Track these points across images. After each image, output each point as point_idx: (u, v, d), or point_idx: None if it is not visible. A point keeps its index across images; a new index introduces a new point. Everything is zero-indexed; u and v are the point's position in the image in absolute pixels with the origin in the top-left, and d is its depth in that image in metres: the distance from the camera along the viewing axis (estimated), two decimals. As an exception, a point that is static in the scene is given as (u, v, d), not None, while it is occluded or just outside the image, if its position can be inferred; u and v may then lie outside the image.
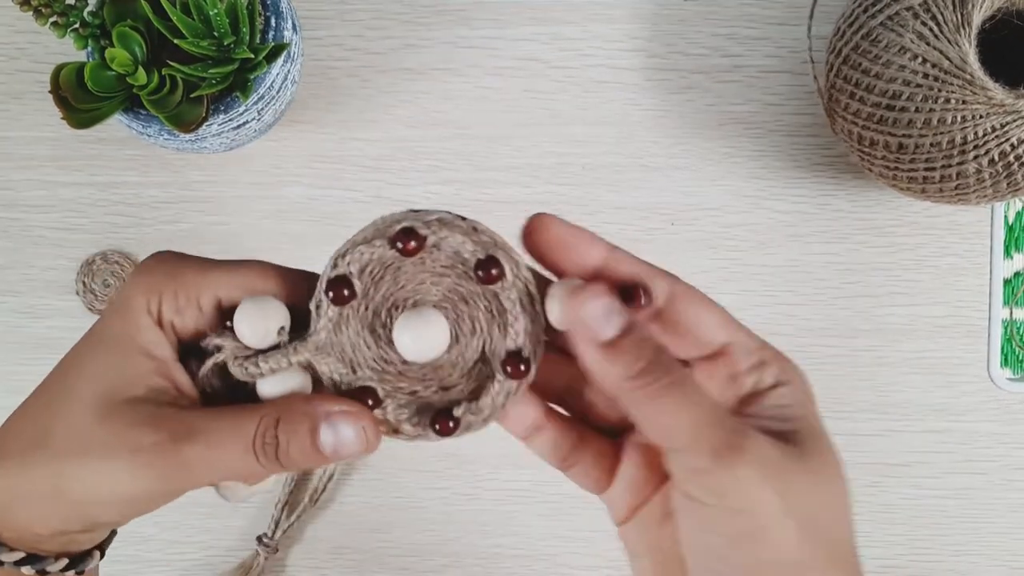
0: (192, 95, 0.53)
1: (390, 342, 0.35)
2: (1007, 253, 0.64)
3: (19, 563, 0.34)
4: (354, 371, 0.35)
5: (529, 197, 0.64)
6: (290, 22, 0.55)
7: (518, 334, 0.35)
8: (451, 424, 0.35)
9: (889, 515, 0.64)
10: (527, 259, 0.36)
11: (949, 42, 0.51)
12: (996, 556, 0.64)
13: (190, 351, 0.35)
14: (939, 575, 0.64)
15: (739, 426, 0.33)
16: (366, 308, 0.36)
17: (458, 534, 0.64)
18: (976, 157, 0.52)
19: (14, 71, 0.64)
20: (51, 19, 0.51)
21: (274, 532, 0.63)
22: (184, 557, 0.64)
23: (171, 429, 0.33)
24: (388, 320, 0.36)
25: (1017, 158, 0.52)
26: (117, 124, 0.56)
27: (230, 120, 0.55)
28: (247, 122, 0.56)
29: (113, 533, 0.38)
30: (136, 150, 0.64)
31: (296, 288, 0.37)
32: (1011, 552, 0.64)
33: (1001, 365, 0.64)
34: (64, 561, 0.35)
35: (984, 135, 0.52)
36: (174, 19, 0.52)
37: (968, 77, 0.51)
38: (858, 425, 0.64)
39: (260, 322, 0.35)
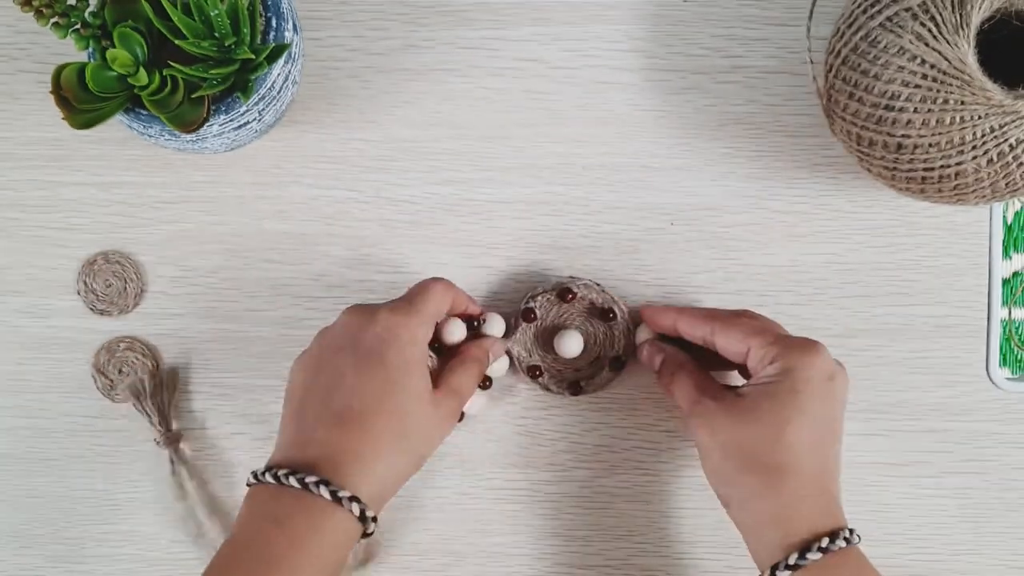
0: (193, 96, 0.53)
1: (551, 345, 0.64)
2: (1006, 253, 0.64)
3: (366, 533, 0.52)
4: (531, 357, 0.64)
5: (529, 197, 0.64)
6: (291, 23, 0.56)
7: (620, 349, 0.64)
8: (576, 389, 0.64)
9: (889, 515, 0.64)
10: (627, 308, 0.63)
11: (948, 43, 0.51)
12: (995, 555, 0.65)
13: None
14: (939, 575, 0.65)
15: (703, 396, 0.57)
16: (541, 325, 0.64)
17: (458, 533, 0.65)
18: (975, 157, 0.52)
19: (15, 71, 0.64)
20: (52, 20, 0.51)
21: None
22: (186, 556, 0.64)
23: (451, 391, 0.57)
24: (553, 333, 0.64)
25: (1015, 158, 0.52)
26: (118, 124, 0.56)
27: (231, 120, 0.55)
28: (248, 122, 0.56)
29: None
30: (137, 150, 0.64)
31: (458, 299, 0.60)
32: (1011, 551, 0.64)
33: (1000, 365, 0.64)
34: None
35: (983, 135, 0.52)
36: (175, 20, 0.52)
37: (967, 78, 0.51)
38: (858, 425, 0.64)
39: (457, 331, 0.62)
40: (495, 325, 0.63)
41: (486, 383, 0.63)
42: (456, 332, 0.61)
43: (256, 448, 0.64)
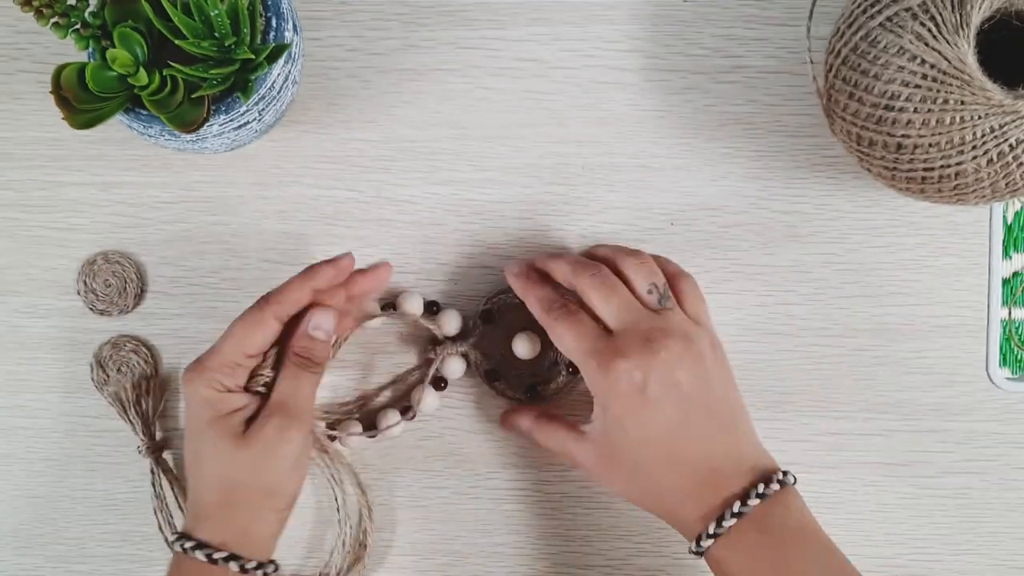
0: (193, 96, 0.53)
1: (510, 348, 0.63)
2: (1006, 253, 0.64)
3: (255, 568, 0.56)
4: (487, 361, 0.63)
5: (529, 197, 0.64)
6: (291, 23, 0.56)
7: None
8: (534, 393, 0.63)
9: (889, 515, 0.64)
10: None
11: (948, 43, 0.52)
12: (995, 555, 0.65)
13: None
14: (938, 575, 0.65)
15: (565, 445, 0.59)
16: (498, 328, 0.63)
17: (458, 533, 0.65)
18: (975, 157, 0.52)
19: (15, 71, 0.64)
20: (52, 20, 0.51)
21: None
22: (185, 556, 0.65)
23: (271, 413, 0.56)
24: (509, 335, 0.63)
25: (1016, 158, 0.52)
26: (118, 124, 0.56)
27: (231, 120, 0.55)
28: (248, 122, 0.56)
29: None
30: (137, 150, 0.64)
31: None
32: (1010, 551, 0.65)
33: (1000, 365, 0.64)
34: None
35: (983, 135, 0.52)
36: (175, 20, 0.52)
37: (967, 78, 0.51)
38: (857, 425, 0.64)
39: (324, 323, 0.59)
40: (412, 302, 0.62)
41: (441, 385, 0.63)
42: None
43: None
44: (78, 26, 0.52)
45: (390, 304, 0.63)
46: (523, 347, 0.63)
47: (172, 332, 0.64)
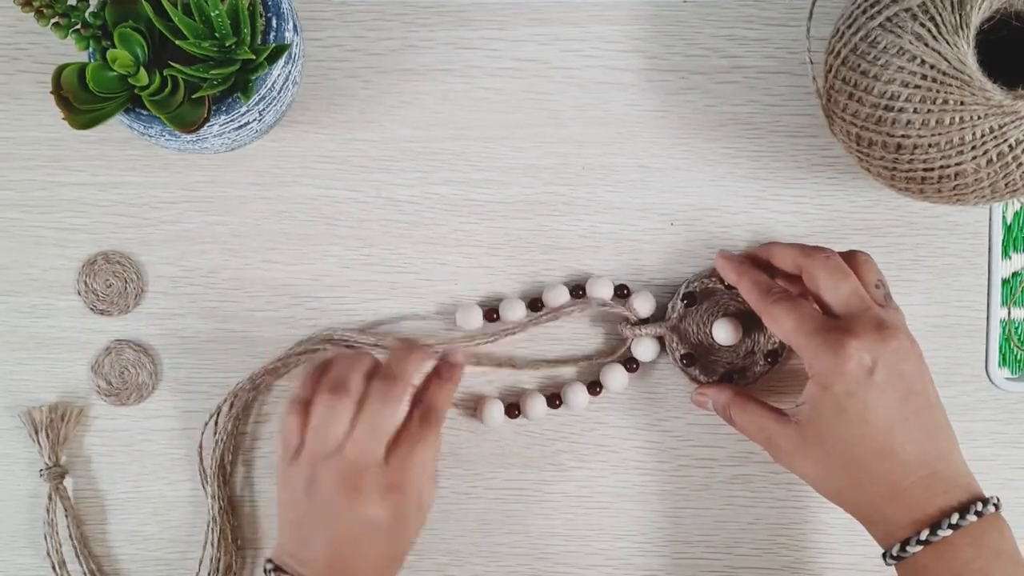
0: (193, 96, 0.53)
1: (708, 333, 0.63)
2: (1005, 253, 0.64)
3: None
4: (684, 345, 0.63)
5: (529, 197, 0.64)
6: (291, 23, 0.56)
7: (776, 343, 0.63)
8: (728, 380, 0.63)
9: (888, 514, 0.64)
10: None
11: (947, 43, 0.52)
12: (994, 555, 0.65)
13: None
14: (938, 574, 0.65)
15: (767, 435, 0.57)
16: (696, 312, 0.63)
17: (458, 533, 0.65)
18: (974, 157, 0.52)
19: (15, 71, 0.64)
20: (53, 20, 0.51)
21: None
22: (185, 556, 0.64)
23: (401, 489, 0.56)
24: (710, 320, 0.63)
25: (1015, 158, 0.52)
26: (118, 125, 0.56)
27: (231, 121, 0.55)
28: (248, 123, 0.56)
29: None
30: (137, 150, 0.64)
31: None
32: (1009, 551, 0.65)
33: (999, 365, 0.64)
34: None
35: (982, 136, 0.52)
36: (175, 20, 0.52)
37: (966, 78, 0.51)
38: (857, 424, 0.64)
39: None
40: (600, 286, 0.63)
41: (632, 366, 0.63)
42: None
43: (257, 447, 0.64)
44: (79, 26, 0.52)
45: (579, 287, 0.63)
46: (724, 332, 0.62)
47: (172, 332, 0.64)
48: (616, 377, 0.63)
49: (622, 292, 0.63)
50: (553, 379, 0.64)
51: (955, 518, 0.52)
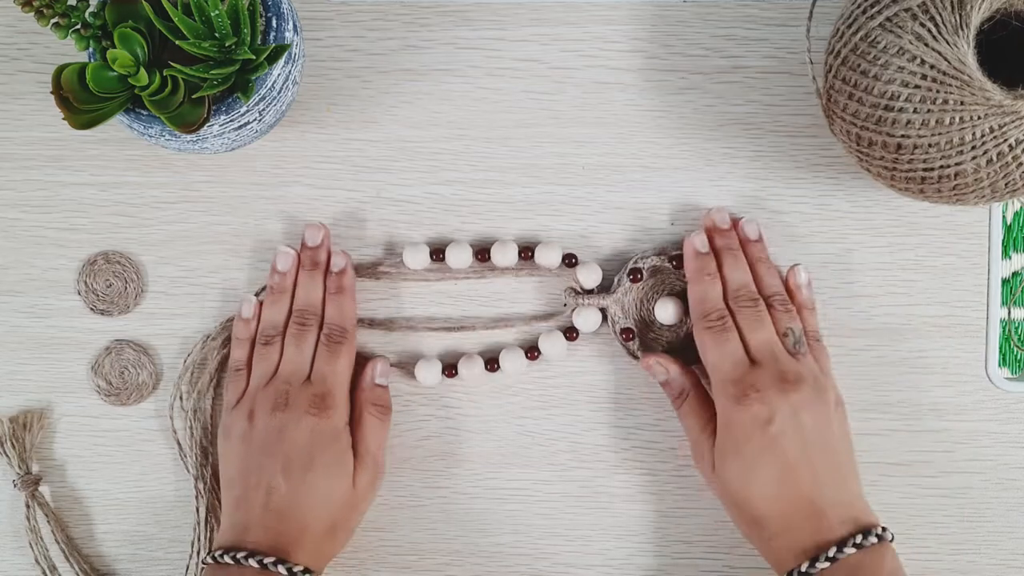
0: (193, 96, 0.53)
1: (651, 310, 0.63)
2: (1005, 253, 0.65)
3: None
4: (626, 319, 0.63)
5: (529, 197, 0.64)
6: (291, 23, 0.56)
7: None
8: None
9: (888, 514, 0.64)
10: None
11: (947, 43, 0.52)
12: (994, 555, 0.65)
13: None
14: (938, 574, 0.65)
15: (701, 435, 0.61)
16: (641, 289, 0.63)
17: (458, 533, 0.65)
18: (974, 158, 0.52)
19: (15, 71, 0.64)
20: (53, 20, 0.51)
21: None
22: (185, 556, 0.64)
23: (367, 459, 0.61)
24: (654, 298, 0.63)
25: (1015, 158, 0.52)
26: (118, 125, 0.56)
27: (231, 121, 0.55)
28: (248, 123, 0.56)
29: None
30: (137, 150, 0.64)
31: None
32: (1009, 551, 0.65)
33: (999, 365, 0.64)
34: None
35: (982, 136, 0.52)
36: (175, 20, 0.52)
37: (966, 78, 0.51)
38: (857, 425, 0.64)
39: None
40: (549, 253, 0.63)
41: (572, 334, 0.63)
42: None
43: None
44: (79, 26, 0.52)
45: (528, 249, 0.63)
46: (666, 311, 0.63)
47: (172, 332, 0.64)
48: (555, 344, 0.63)
49: (570, 261, 0.63)
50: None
51: (832, 551, 0.55)
